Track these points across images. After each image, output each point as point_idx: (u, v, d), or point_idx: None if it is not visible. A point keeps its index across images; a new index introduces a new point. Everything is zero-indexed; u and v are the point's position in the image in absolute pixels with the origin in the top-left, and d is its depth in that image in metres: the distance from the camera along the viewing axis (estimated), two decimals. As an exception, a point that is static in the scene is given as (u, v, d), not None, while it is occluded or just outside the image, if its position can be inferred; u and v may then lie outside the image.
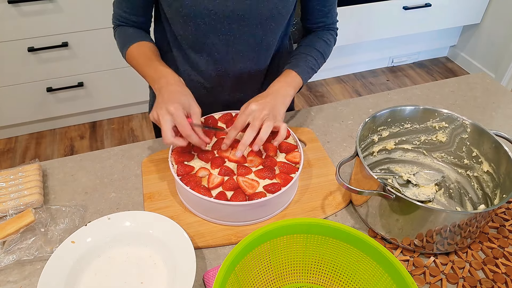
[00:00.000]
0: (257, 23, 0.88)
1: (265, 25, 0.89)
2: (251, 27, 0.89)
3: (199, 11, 0.84)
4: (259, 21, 0.88)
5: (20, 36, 1.91)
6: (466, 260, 0.75)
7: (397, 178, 0.86)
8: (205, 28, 0.87)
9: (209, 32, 0.89)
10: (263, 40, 0.93)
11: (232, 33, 0.89)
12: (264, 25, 0.89)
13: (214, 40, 0.90)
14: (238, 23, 0.87)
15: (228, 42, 0.91)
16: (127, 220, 0.77)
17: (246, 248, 0.61)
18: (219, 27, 0.87)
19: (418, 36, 2.79)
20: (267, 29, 0.90)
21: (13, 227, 0.75)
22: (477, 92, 1.18)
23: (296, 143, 0.88)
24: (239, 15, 0.86)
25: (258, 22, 0.88)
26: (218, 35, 0.89)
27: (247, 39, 0.91)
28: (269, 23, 0.89)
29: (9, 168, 0.88)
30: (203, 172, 0.81)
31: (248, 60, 0.96)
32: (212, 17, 0.85)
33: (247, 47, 0.93)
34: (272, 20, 0.89)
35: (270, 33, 0.92)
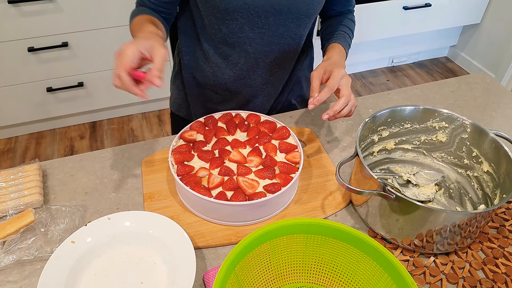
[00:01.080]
0: (292, 18, 0.90)
1: (300, 20, 0.92)
2: (286, 21, 0.91)
3: (239, 5, 0.85)
4: (296, 15, 0.90)
5: (20, 36, 1.92)
6: (466, 260, 0.75)
7: (397, 178, 0.86)
8: (242, 22, 0.89)
9: (245, 26, 0.90)
10: (296, 33, 0.95)
11: (268, 27, 0.91)
12: (299, 19, 0.91)
13: (249, 34, 0.91)
14: (274, 17, 0.89)
15: (263, 35, 0.92)
16: (127, 220, 0.77)
17: (246, 248, 0.61)
18: (255, 21, 0.89)
19: (418, 36, 2.79)
20: (301, 23, 0.93)
21: (13, 227, 0.75)
22: (477, 92, 1.18)
23: (296, 143, 0.88)
24: (277, 10, 0.87)
25: (294, 16, 0.90)
26: (254, 29, 0.90)
27: (282, 32, 0.93)
28: (304, 17, 0.92)
29: (9, 168, 0.88)
30: (203, 172, 0.81)
31: (279, 52, 0.97)
32: (250, 11, 0.86)
33: (281, 40, 0.94)
34: (307, 15, 0.92)
35: (303, 26, 0.94)
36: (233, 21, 0.88)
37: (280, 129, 0.91)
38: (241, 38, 0.93)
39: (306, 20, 0.93)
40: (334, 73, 0.81)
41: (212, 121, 0.92)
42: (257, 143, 0.88)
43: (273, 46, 0.95)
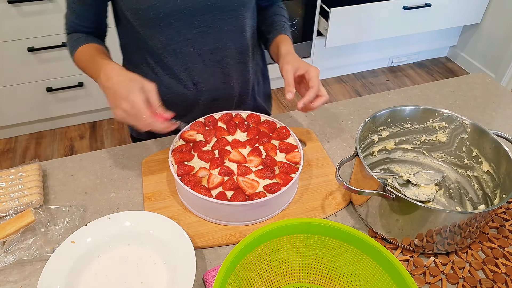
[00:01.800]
0: (228, 10, 0.88)
1: (237, 11, 0.90)
2: (223, 15, 0.89)
3: (169, 10, 0.83)
4: (231, 7, 0.88)
5: (20, 36, 1.91)
6: (466, 260, 0.75)
7: (397, 178, 0.86)
8: (178, 25, 0.86)
9: (182, 29, 0.88)
10: (236, 26, 0.93)
11: (206, 24, 0.89)
12: (236, 10, 0.90)
13: (188, 36, 0.89)
14: (209, 13, 0.87)
15: (203, 34, 0.90)
16: (127, 220, 0.77)
17: (246, 248, 0.61)
18: (191, 21, 0.87)
19: (418, 36, 2.78)
20: (239, 14, 0.91)
21: (13, 227, 0.75)
22: (477, 92, 1.18)
23: (296, 143, 0.88)
24: (209, 5, 0.86)
25: (229, 9, 0.88)
26: (192, 29, 0.88)
27: (221, 27, 0.91)
28: (240, 8, 0.90)
29: (9, 168, 0.88)
30: (203, 172, 0.81)
31: (226, 49, 0.95)
32: (183, 13, 0.85)
33: (223, 35, 0.92)
34: (242, 5, 0.90)
35: (242, 18, 0.92)
36: (168, 27, 0.86)
37: (280, 129, 0.91)
38: (181, 43, 0.90)
39: (243, 10, 0.91)
40: (312, 74, 0.83)
41: (212, 121, 0.92)
42: (257, 143, 0.88)
43: (217, 43, 0.93)
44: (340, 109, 1.11)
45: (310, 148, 0.97)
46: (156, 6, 0.82)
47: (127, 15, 0.87)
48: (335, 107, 1.12)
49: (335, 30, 2.32)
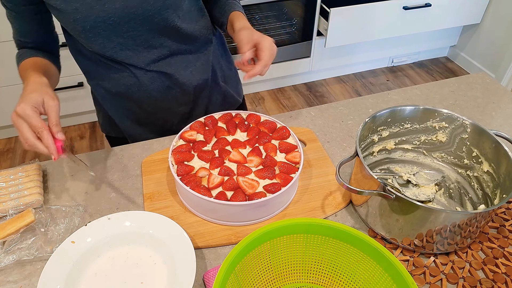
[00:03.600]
0: (154, 14, 0.86)
1: (163, 13, 0.87)
2: (150, 19, 0.87)
3: (93, 20, 0.83)
4: (156, 11, 0.86)
5: (20, 36, 1.91)
6: (466, 260, 0.75)
7: (397, 178, 0.86)
8: (107, 33, 0.86)
9: (112, 36, 0.87)
10: (167, 25, 0.89)
11: (134, 29, 0.87)
12: (162, 13, 0.87)
13: (120, 40, 0.88)
14: (135, 20, 0.86)
15: (134, 37, 0.89)
16: (127, 220, 0.77)
17: (246, 248, 0.61)
18: (119, 29, 0.86)
19: (418, 36, 2.79)
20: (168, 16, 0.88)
21: (13, 227, 0.75)
22: (477, 92, 1.18)
23: (296, 143, 0.88)
24: (133, 12, 0.84)
25: (154, 13, 0.86)
26: (121, 34, 0.87)
27: (151, 27, 0.89)
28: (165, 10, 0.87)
29: (9, 168, 0.88)
30: (203, 172, 0.81)
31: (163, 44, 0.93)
32: (108, 22, 0.84)
33: (155, 34, 0.90)
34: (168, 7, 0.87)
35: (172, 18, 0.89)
36: (97, 36, 0.86)
37: (280, 129, 0.91)
38: (115, 48, 0.89)
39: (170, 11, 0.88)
40: (265, 44, 0.83)
41: (212, 121, 0.92)
42: (257, 143, 0.88)
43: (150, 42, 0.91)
44: (340, 109, 1.11)
45: (310, 148, 0.97)
46: (80, 19, 0.82)
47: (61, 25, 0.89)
48: (335, 107, 1.12)
49: (335, 30, 2.32)
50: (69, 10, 0.82)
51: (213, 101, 1.10)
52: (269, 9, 2.29)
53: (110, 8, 0.83)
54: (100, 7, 0.82)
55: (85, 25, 0.84)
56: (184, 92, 1.01)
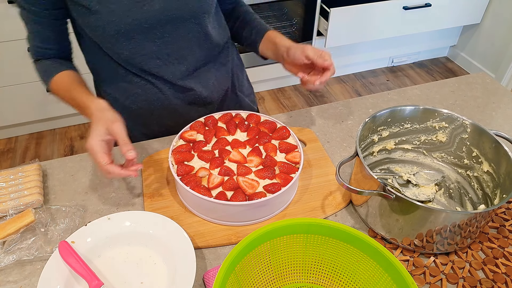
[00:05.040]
0: (189, 18, 0.87)
1: (199, 18, 0.88)
2: (185, 23, 0.87)
3: (129, 23, 0.81)
4: (191, 15, 0.87)
5: (20, 36, 1.91)
6: (466, 260, 0.75)
7: (397, 178, 0.86)
8: (139, 38, 0.85)
9: (144, 42, 0.86)
10: (200, 32, 0.91)
11: (169, 34, 0.87)
12: (197, 18, 0.88)
13: (152, 48, 0.87)
14: (171, 24, 0.85)
15: (167, 44, 0.88)
16: (127, 220, 0.77)
17: (246, 248, 0.61)
18: (153, 33, 0.85)
19: (418, 36, 2.78)
20: (201, 21, 0.89)
21: (13, 227, 0.75)
22: (477, 92, 1.18)
23: (296, 143, 0.88)
24: (171, 15, 0.84)
25: (190, 16, 0.87)
26: (155, 40, 0.86)
27: (185, 35, 0.89)
28: (202, 15, 0.88)
29: (9, 168, 0.88)
30: (203, 172, 0.81)
31: (193, 53, 0.93)
32: (144, 26, 0.83)
33: (187, 42, 0.91)
34: (204, 11, 0.88)
35: (205, 24, 0.91)
36: (129, 41, 0.84)
37: (280, 129, 0.91)
38: (145, 56, 0.88)
39: (205, 16, 0.89)
40: (327, 56, 0.84)
41: (212, 121, 0.92)
42: (257, 143, 0.88)
43: (182, 51, 0.91)
44: (340, 109, 1.11)
45: (310, 148, 0.97)
46: (115, 22, 0.80)
47: (87, 32, 0.85)
48: (335, 107, 1.12)
49: (335, 30, 2.32)
50: (104, 12, 0.79)
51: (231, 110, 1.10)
52: (269, 9, 2.29)
53: (149, 10, 0.81)
54: (138, 9, 0.81)
55: (119, 28, 0.81)
56: (206, 105, 1.02)
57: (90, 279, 0.67)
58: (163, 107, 0.98)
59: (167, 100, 0.97)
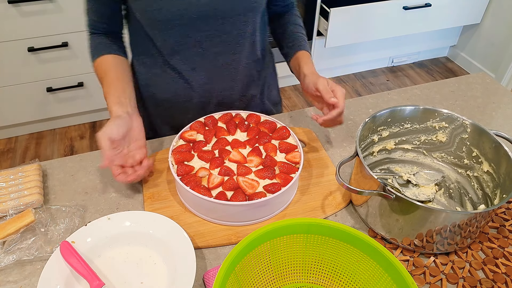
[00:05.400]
0: (235, 15, 0.88)
1: (244, 16, 0.89)
2: (231, 19, 0.88)
3: (174, 12, 0.83)
4: (238, 12, 0.88)
5: (20, 36, 1.91)
6: (466, 260, 0.75)
7: (397, 178, 0.86)
8: (184, 28, 0.87)
9: (188, 32, 0.88)
10: (244, 30, 0.92)
11: (213, 27, 0.88)
12: (244, 15, 0.89)
13: (196, 38, 0.89)
14: (215, 18, 0.87)
15: (211, 37, 0.90)
16: (127, 220, 0.77)
17: (246, 248, 0.61)
18: (197, 24, 0.87)
19: (418, 36, 2.78)
20: (247, 19, 0.90)
21: (13, 227, 0.75)
22: (477, 92, 1.18)
23: (296, 143, 0.88)
24: (218, 9, 0.85)
25: (236, 13, 0.88)
26: (200, 33, 0.89)
27: (230, 31, 0.90)
28: (247, 13, 0.89)
29: (9, 168, 0.88)
30: (203, 172, 0.81)
31: (234, 52, 0.95)
32: (190, 16, 0.85)
33: (231, 39, 0.92)
34: (250, 10, 0.89)
35: (250, 22, 0.92)
36: (175, 29, 0.87)
37: (280, 129, 0.91)
38: (189, 44, 0.90)
39: (251, 15, 0.90)
40: (339, 93, 0.85)
41: (212, 121, 0.92)
42: (257, 143, 0.88)
43: (225, 47, 0.93)
44: (340, 109, 1.11)
45: (310, 148, 0.97)
46: (164, 10, 0.83)
47: (136, 15, 0.88)
48: (335, 107, 1.12)
49: (335, 30, 2.32)
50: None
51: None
52: (269, 9, 2.29)
53: (197, 3, 0.83)
54: (186, 0, 0.83)
55: (166, 16, 0.84)
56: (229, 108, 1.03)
57: (91, 279, 0.67)
58: (189, 102, 1.01)
59: (194, 97, 1.00)
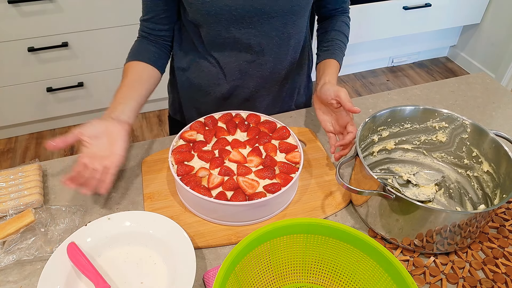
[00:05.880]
0: (277, 16, 0.90)
1: (285, 18, 0.91)
2: (271, 20, 0.90)
3: (220, 7, 0.85)
4: (280, 14, 0.89)
5: (20, 36, 1.91)
6: (466, 260, 0.75)
7: (397, 178, 0.86)
8: (226, 24, 0.89)
9: (231, 27, 0.90)
10: (283, 32, 0.94)
11: (253, 26, 0.90)
12: (285, 17, 0.91)
13: (236, 34, 0.91)
14: (258, 16, 0.89)
15: (249, 35, 0.92)
16: (127, 220, 0.77)
17: (246, 248, 0.61)
18: (240, 21, 0.89)
19: (418, 36, 2.78)
20: (287, 21, 0.92)
21: (13, 227, 0.75)
22: (477, 92, 1.18)
23: (296, 143, 0.88)
24: (259, 9, 0.87)
25: (278, 15, 0.89)
26: (240, 29, 0.90)
27: (268, 31, 0.92)
28: (289, 15, 0.91)
29: (9, 168, 0.88)
30: (203, 172, 0.81)
31: (271, 53, 0.96)
32: (232, 13, 0.87)
33: (269, 40, 0.94)
34: (292, 13, 0.91)
35: (290, 25, 0.93)
36: (217, 23, 0.89)
37: (280, 129, 0.91)
38: (228, 39, 0.92)
39: (293, 18, 0.92)
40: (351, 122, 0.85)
41: (212, 121, 0.92)
42: (257, 143, 0.88)
43: (261, 47, 0.94)
44: (340, 109, 1.11)
45: (310, 148, 0.97)
46: (208, 3, 0.85)
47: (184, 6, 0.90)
48: (335, 107, 1.12)
49: (335, 30, 2.32)
50: None
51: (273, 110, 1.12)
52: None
53: (239, 0, 0.85)
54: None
55: (210, 10, 0.86)
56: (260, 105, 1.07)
57: (97, 281, 0.68)
58: (219, 93, 1.03)
59: (224, 89, 1.02)
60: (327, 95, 0.86)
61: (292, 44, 0.98)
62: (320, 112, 0.91)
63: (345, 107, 0.82)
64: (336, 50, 0.99)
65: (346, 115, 0.85)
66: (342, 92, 0.83)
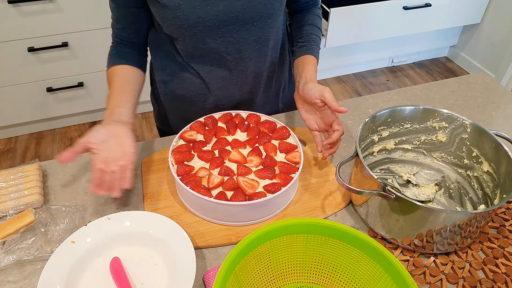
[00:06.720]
0: (253, 22, 0.88)
1: (261, 22, 0.90)
2: (246, 26, 0.89)
3: (193, 20, 0.84)
4: (255, 19, 0.88)
5: (20, 36, 1.91)
6: (466, 260, 0.75)
7: (397, 178, 0.86)
8: (202, 35, 0.87)
9: (206, 38, 0.88)
10: (261, 36, 0.93)
11: (229, 34, 0.89)
12: (261, 22, 0.89)
13: (213, 45, 0.90)
14: (233, 25, 0.87)
15: (226, 44, 0.91)
16: (127, 220, 0.77)
17: (246, 248, 0.61)
18: (215, 32, 0.87)
19: (418, 36, 2.78)
20: (264, 25, 0.91)
21: (13, 227, 0.75)
22: (477, 92, 1.18)
23: (296, 143, 0.88)
24: (233, 17, 0.86)
25: (254, 20, 0.88)
26: (216, 39, 0.89)
27: (246, 37, 0.91)
28: (265, 19, 0.90)
29: (9, 168, 0.88)
30: (203, 172, 0.81)
31: (251, 58, 0.96)
32: (207, 24, 0.85)
33: (248, 46, 0.93)
34: (268, 16, 0.90)
35: (267, 28, 0.92)
36: (193, 36, 0.87)
37: (280, 129, 0.91)
38: (205, 50, 0.91)
39: (268, 21, 0.91)
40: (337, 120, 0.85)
41: (212, 121, 0.92)
42: (257, 143, 0.88)
43: (240, 53, 0.93)
44: (340, 109, 1.11)
45: (310, 148, 0.97)
46: (180, 17, 0.84)
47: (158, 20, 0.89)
48: (335, 107, 1.12)
49: (335, 30, 2.32)
50: (172, 6, 0.82)
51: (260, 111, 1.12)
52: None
53: (212, 10, 0.84)
54: (203, 8, 0.83)
55: (183, 24, 0.85)
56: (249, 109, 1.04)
57: None
58: (205, 102, 1.02)
59: (210, 98, 1.01)
60: (310, 94, 0.85)
61: (270, 45, 0.97)
62: (303, 111, 0.90)
63: (331, 107, 0.82)
64: (313, 45, 0.98)
65: (331, 114, 0.85)
66: (327, 91, 0.83)
